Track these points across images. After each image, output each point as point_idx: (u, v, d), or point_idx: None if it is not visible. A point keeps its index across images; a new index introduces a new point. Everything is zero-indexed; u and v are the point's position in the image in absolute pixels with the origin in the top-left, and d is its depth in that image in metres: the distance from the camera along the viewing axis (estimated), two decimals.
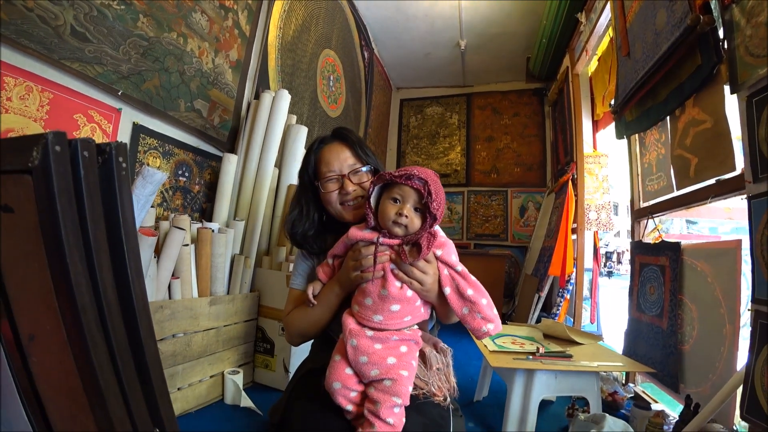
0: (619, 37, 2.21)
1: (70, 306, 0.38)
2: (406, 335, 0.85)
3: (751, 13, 1.22)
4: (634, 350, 1.89)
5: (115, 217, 0.40)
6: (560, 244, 3.06)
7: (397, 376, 0.79)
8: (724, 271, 1.39)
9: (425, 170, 0.86)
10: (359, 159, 1.03)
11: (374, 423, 0.76)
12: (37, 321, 0.44)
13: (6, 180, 0.39)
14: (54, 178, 0.35)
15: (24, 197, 0.38)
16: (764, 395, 1.04)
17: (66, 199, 0.37)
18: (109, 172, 0.39)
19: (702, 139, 1.58)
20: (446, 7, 3.88)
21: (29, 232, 0.40)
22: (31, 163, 0.36)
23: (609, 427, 1.17)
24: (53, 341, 0.42)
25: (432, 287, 0.86)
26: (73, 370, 0.41)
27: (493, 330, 0.85)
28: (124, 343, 0.42)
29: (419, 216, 0.86)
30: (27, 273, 0.44)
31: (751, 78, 1.19)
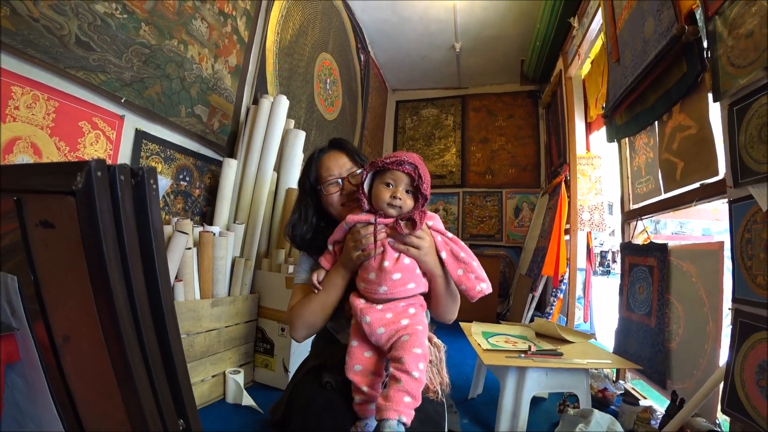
0: (610, 43, 2.27)
1: (108, 310, 0.43)
2: (411, 299, 0.93)
3: (733, 25, 1.27)
4: (624, 348, 1.96)
5: (147, 232, 0.45)
6: (553, 244, 3.12)
7: (413, 330, 0.86)
8: (708, 271, 1.45)
9: (411, 155, 0.94)
10: (356, 163, 1.12)
11: (400, 378, 0.79)
12: (73, 324, 0.49)
13: (49, 199, 0.44)
14: (97, 199, 0.40)
15: (66, 215, 0.43)
16: (743, 390, 1.10)
17: (107, 217, 0.41)
18: (142, 192, 0.44)
19: (688, 144, 1.64)
20: (441, 10, 3.93)
21: (70, 245, 0.44)
22: (75, 186, 0.40)
23: (596, 421, 1.23)
24: (90, 342, 0.47)
25: (429, 251, 0.93)
26: (108, 369, 0.46)
27: (486, 289, 0.93)
28: (154, 342, 0.46)
29: (411, 197, 0.94)
30: (65, 281, 0.48)
31: (732, 87, 1.25)
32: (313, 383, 1.00)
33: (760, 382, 1.04)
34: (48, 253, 0.48)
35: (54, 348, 0.53)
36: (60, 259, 0.47)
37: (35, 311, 0.53)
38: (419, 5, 3.88)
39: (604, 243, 3.50)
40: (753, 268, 1.11)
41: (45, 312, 0.51)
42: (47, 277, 0.50)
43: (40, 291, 0.51)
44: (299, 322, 1.04)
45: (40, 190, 0.46)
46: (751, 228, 1.13)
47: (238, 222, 2.10)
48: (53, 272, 0.49)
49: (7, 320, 0.59)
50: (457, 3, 3.74)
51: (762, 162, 1.11)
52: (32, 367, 0.59)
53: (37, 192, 0.47)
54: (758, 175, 1.11)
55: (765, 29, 1.13)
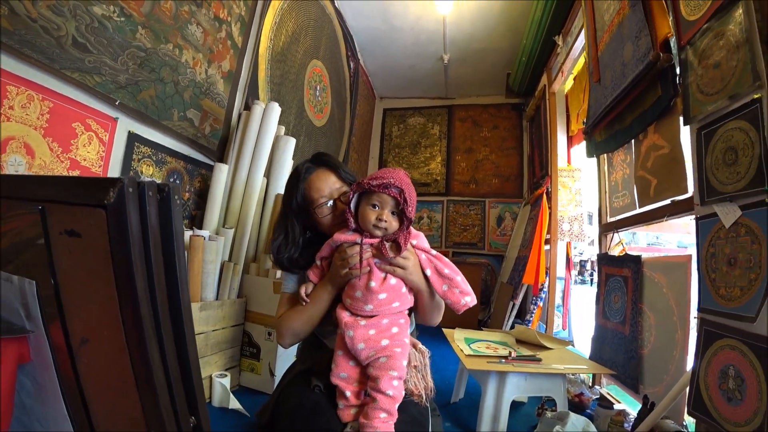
0: (592, 63, 2.38)
1: (132, 315, 0.46)
2: (395, 315, 0.96)
3: (702, 56, 1.38)
4: (600, 354, 2.05)
5: (171, 243, 0.48)
6: (534, 254, 3.22)
7: (391, 353, 0.89)
8: (677, 282, 1.55)
9: (398, 175, 0.96)
10: (344, 181, 1.12)
11: (376, 397, 0.85)
12: (93, 327, 0.52)
13: (77, 211, 0.47)
14: (129, 212, 0.44)
15: (95, 226, 0.46)
16: (707, 393, 1.18)
17: (135, 229, 0.45)
18: (167, 206, 0.47)
19: (661, 163, 1.75)
20: (431, 22, 4.03)
21: (97, 253, 0.47)
22: (106, 200, 0.44)
23: (572, 423, 1.30)
24: (110, 344, 0.50)
25: (414, 269, 0.97)
26: (127, 369, 0.49)
27: (470, 302, 0.97)
28: (172, 345, 0.50)
29: (396, 218, 0.97)
30: (88, 286, 0.51)
31: (701, 113, 1.35)
32: (301, 386, 1.02)
33: (722, 386, 1.12)
34: (71, 260, 0.51)
35: (70, 349, 0.55)
36: (84, 266, 0.50)
37: (53, 314, 0.55)
38: (410, 16, 3.97)
39: (584, 252, 3.62)
40: (717, 281, 1.20)
41: (63, 315, 0.54)
42: (68, 282, 0.53)
43: (60, 295, 0.54)
44: (286, 331, 1.08)
45: (67, 201, 0.49)
46: (716, 243, 1.23)
47: (228, 226, 2.11)
48: (75, 278, 0.52)
49: (21, 323, 0.61)
50: (447, 16, 3.84)
51: (726, 183, 1.20)
52: (44, 368, 0.61)
53: (63, 203, 0.50)
54: (722, 195, 1.21)
55: (731, 62, 1.23)
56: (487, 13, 3.86)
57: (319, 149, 3.62)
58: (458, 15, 3.86)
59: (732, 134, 1.20)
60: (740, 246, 1.12)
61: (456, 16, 3.88)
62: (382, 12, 3.96)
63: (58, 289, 0.54)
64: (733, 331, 1.11)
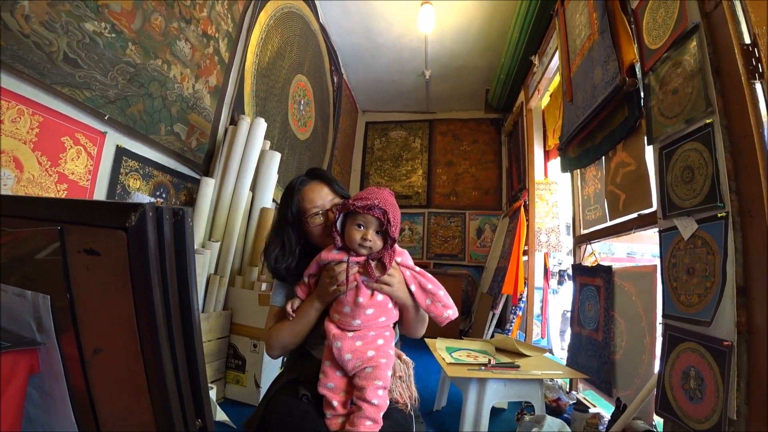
0: (565, 84, 2.53)
1: (148, 325, 0.50)
2: (381, 329, 1.02)
3: (663, 81, 1.51)
4: (575, 361, 2.14)
5: (184, 261, 0.53)
6: (513, 264, 3.33)
7: (376, 363, 0.95)
8: (644, 290, 1.66)
9: (383, 195, 1.02)
10: (336, 193, 1.18)
11: (362, 406, 0.90)
12: (107, 337, 0.56)
13: (97, 232, 0.52)
14: (149, 235, 0.48)
15: (114, 246, 0.51)
16: (672, 393, 1.27)
17: (154, 249, 0.49)
18: (182, 229, 0.52)
19: (628, 179, 1.88)
20: (414, 40, 4.17)
21: (115, 270, 0.52)
22: (128, 223, 0.48)
23: (548, 425, 1.37)
24: (124, 353, 0.54)
25: (399, 286, 1.02)
26: (141, 375, 0.53)
27: (452, 315, 1.03)
28: (183, 352, 0.54)
29: (380, 237, 1.02)
30: (103, 300, 0.55)
31: (662, 134, 1.47)
32: (289, 396, 1.05)
33: (684, 386, 1.22)
34: (88, 276, 0.55)
35: (82, 359, 0.59)
36: (101, 281, 0.54)
37: (66, 326, 0.59)
38: (393, 34, 4.10)
39: (562, 262, 3.76)
40: (678, 288, 1.31)
41: (77, 327, 0.58)
42: (83, 296, 0.56)
43: (74, 308, 0.57)
44: (275, 344, 1.12)
45: (88, 223, 0.53)
46: (676, 254, 1.34)
47: (214, 240, 2.12)
48: (91, 292, 0.56)
49: (32, 335, 0.64)
50: (429, 34, 3.98)
51: (684, 199, 1.32)
52: (54, 377, 0.64)
53: (83, 224, 0.54)
54: (681, 210, 1.32)
55: (687, 88, 1.36)
56: (467, 32, 4.02)
57: (302, 162, 3.69)
58: (440, 34, 4.01)
59: (689, 154, 1.32)
60: (697, 256, 1.23)
61: (437, 35, 4.02)
62: (366, 29, 4.08)
63: (73, 302, 0.57)
64: (693, 335, 1.20)
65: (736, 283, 1.09)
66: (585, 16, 2.24)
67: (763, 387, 1.00)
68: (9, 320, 0.67)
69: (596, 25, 2.07)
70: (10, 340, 0.63)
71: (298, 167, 3.62)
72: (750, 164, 1.12)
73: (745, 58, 1.19)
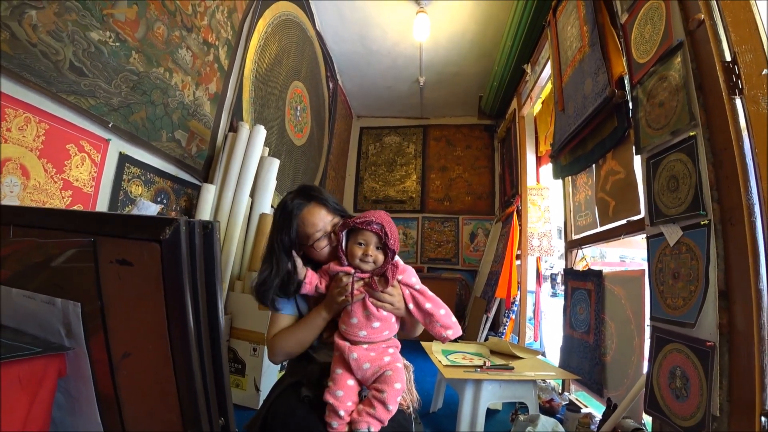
0: (557, 93, 2.61)
1: (180, 331, 0.54)
2: (391, 342, 1.08)
3: (650, 94, 1.58)
4: (567, 363, 2.20)
5: (212, 270, 0.57)
6: (506, 269, 3.40)
7: (394, 367, 1.00)
8: (633, 294, 1.73)
9: (379, 214, 1.08)
10: (334, 213, 1.17)
11: (376, 406, 0.94)
12: (137, 342, 0.60)
13: (132, 244, 0.56)
14: (182, 246, 0.53)
15: (147, 257, 0.55)
16: (659, 392, 1.34)
17: (186, 260, 0.53)
18: (210, 241, 0.56)
19: (618, 187, 1.95)
20: (408, 47, 4.24)
21: (148, 280, 0.56)
22: (162, 236, 0.53)
23: (542, 424, 1.43)
24: (154, 356, 0.58)
25: (400, 305, 1.07)
26: (170, 377, 0.56)
27: (452, 335, 1.06)
28: (209, 355, 0.58)
29: (381, 252, 1.07)
30: (135, 308, 0.59)
31: (649, 144, 1.54)
32: (291, 398, 1.08)
33: (671, 385, 1.28)
34: (119, 285, 0.59)
35: (110, 362, 0.62)
36: (133, 290, 0.58)
37: (95, 332, 0.62)
38: (388, 41, 4.17)
39: (554, 266, 3.83)
40: (664, 292, 1.37)
41: (107, 333, 0.61)
42: (114, 304, 0.60)
43: (104, 315, 0.61)
44: (280, 351, 1.14)
45: (122, 236, 0.57)
46: (663, 259, 1.40)
47: None
48: (121, 300, 0.60)
49: (60, 341, 0.67)
50: (423, 42, 4.06)
51: (670, 207, 1.39)
52: (81, 380, 0.67)
53: (116, 237, 0.58)
54: (667, 217, 1.39)
55: (672, 102, 1.43)
56: (461, 40, 4.10)
57: (299, 168, 3.72)
58: (434, 42, 4.08)
59: (674, 165, 1.39)
60: (682, 262, 1.30)
61: (432, 42, 4.10)
62: (362, 37, 4.14)
63: (103, 309, 0.61)
64: (678, 336, 1.27)
65: (718, 287, 1.16)
66: (576, 29, 2.32)
67: (743, 385, 1.07)
68: (36, 326, 0.70)
69: (587, 38, 2.15)
70: (39, 345, 0.66)
71: (294, 173, 3.65)
72: (730, 175, 1.19)
73: (726, 75, 1.26)
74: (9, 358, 0.58)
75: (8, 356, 0.58)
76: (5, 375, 0.58)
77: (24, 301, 0.69)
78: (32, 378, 0.62)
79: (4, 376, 0.57)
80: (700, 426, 1.13)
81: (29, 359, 0.61)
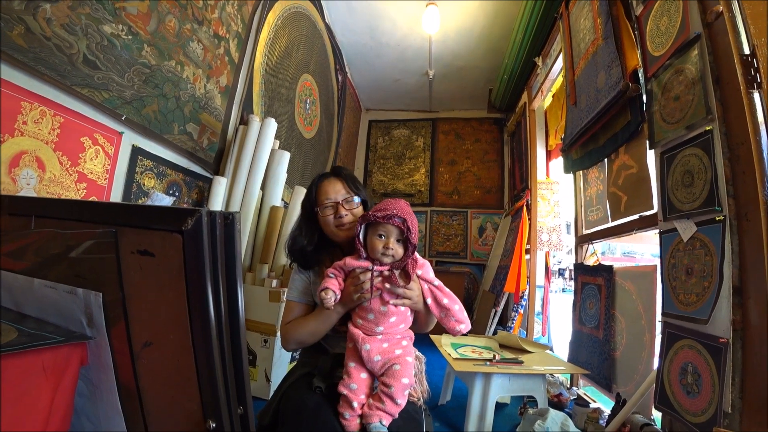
0: (569, 86, 2.57)
1: (201, 321, 0.55)
2: (405, 334, 1.08)
3: (665, 88, 1.55)
4: (576, 357, 2.20)
5: (233, 260, 0.58)
6: (515, 263, 3.39)
7: (403, 361, 1.00)
8: (644, 289, 1.71)
9: (400, 205, 1.07)
10: (350, 190, 1.23)
11: (385, 401, 0.95)
12: (158, 332, 0.61)
13: (153, 235, 0.57)
14: (204, 237, 0.53)
15: (169, 248, 0.56)
16: (670, 388, 1.33)
17: (207, 250, 0.54)
18: (231, 231, 0.57)
19: (630, 181, 1.93)
20: (417, 40, 4.20)
21: (170, 270, 0.57)
22: (184, 227, 0.53)
23: (551, 418, 1.43)
24: (175, 346, 0.59)
25: (418, 300, 1.08)
26: (191, 366, 0.58)
27: (464, 329, 1.07)
28: (230, 345, 0.59)
29: (401, 245, 1.07)
30: (156, 298, 0.60)
31: (663, 139, 1.52)
32: (303, 388, 1.10)
33: (682, 381, 1.28)
34: (141, 275, 0.60)
35: (131, 352, 0.64)
36: (154, 280, 0.59)
37: (117, 322, 0.64)
38: (397, 33, 4.14)
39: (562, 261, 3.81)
40: (677, 288, 1.36)
41: (128, 323, 0.63)
42: (135, 294, 0.61)
43: (126, 305, 0.63)
44: (292, 339, 1.18)
45: (143, 226, 0.58)
46: (676, 255, 1.39)
47: None
48: (143, 290, 0.61)
49: (82, 330, 0.69)
50: (433, 35, 4.02)
51: (684, 202, 1.37)
52: (102, 369, 0.69)
53: (138, 227, 0.59)
54: (681, 213, 1.37)
55: (688, 95, 1.41)
56: (471, 33, 4.06)
57: (308, 161, 3.73)
58: (443, 34, 4.04)
59: (689, 159, 1.37)
60: (696, 257, 1.29)
61: (441, 35, 4.06)
62: (371, 29, 4.11)
63: (124, 299, 0.62)
64: (691, 333, 1.26)
65: (732, 283, 1.15)
66: (589, 21, 2.28)
67: (756, 382, 1.06)
68: (58, 315, 0.72)
69: (600, 31, 2.12)
70: (61, 334, 0.68)
71: (303, 166, 3.66)
72: (747, 170, 1.17)
73: (744, 68, 1.24)
74: (33, 346, 0.60)
75: (32, 345, 0.60)
76: (30, 363, 0.59)
77: (46, 291, 0.71)
78: (55, 366, 0.64)
79: (28, 364, 0.59)
80: (711, 422, 1.13)
81: (52, 348, 0.63)
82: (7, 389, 0.55)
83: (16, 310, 0.76)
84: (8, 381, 0.55)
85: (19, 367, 0.57)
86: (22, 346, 0.56)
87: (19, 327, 0.67)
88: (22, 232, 0.71)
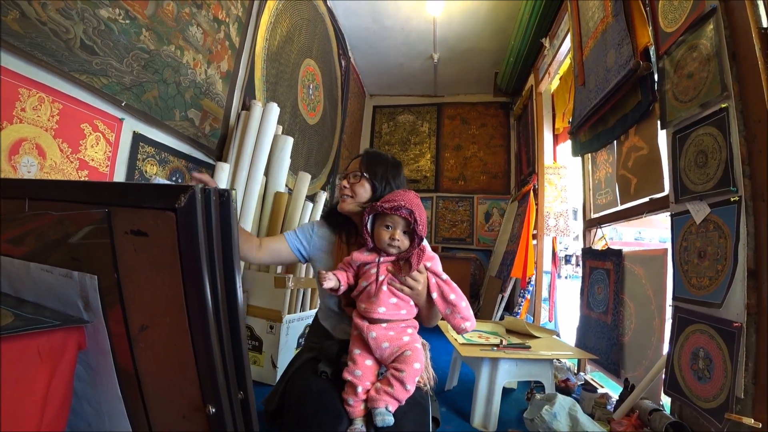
0: (577, 67, 2.50)
1: (197, 302, 0.54)
2: (410, 322, 1.08)
3: (678, 66, 1.50)
4: (584, 343, 2.18)
5: (229, 239, 0.56)
6: (522, 249, 3.36)
7: (413, 347, 1.00)
8: (654, 273, 1.68)
9: (408, 197, 1.07)
10: (363, 169, 1.24)
11: (394, 384, 0.95)
12: (154, 315, 0.59)
13: (146, 214, 0.55)
14: (198, 215, 0.51)
15: (163, 227, 0.54)
16: (680, 374, 1.31)
17: (202, 229, 0.52)
18: (227, 209, 0.55)
19: (640, 163, 1.88)
20: (421, 22, 4.10)
21: (164, 250, 0.55)
22: (177, 204, 0.51)
23: (559, 403, 1.42)
24: (172, 330, 0.57)
25: (421, 292, 1.07)
26: (188, 350, 0.56)
27: (469, 327, 1.07)
28: (227, 329, 0.58)
29: (408, 237, 1.07)
30: (151, 279, 0.58)
31: (676, 118, 1.47)
32: (308, 373, 1.11)
33: (693, 367, 1.25)
34: (135, 257, 0.58)
35: (128, 336, 0.63)
36: (149, 261, 0.57)
37: (113, 306, 0.63)
38: (400, 16, 4.04)
39: (569, 247, 3.77)
40: (689, 271, 1.33)
41: (124, 306, 0.61)
42: (130, 276, 0.60)
43: (121, 288, 0.61)
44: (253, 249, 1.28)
45: (135, 205, 0.56)
46: (688, 238, 1.35)
47: None
48: (138, 272, 0.59)
49: (79, 314, 0.68)
50: (437, 17, 3.93)
51: (697, 183, 1.33)
52: (101, 353, 0.68)
53: (130, 207, 0.57)
54: (694, 194, 1.33)
55: (702, 72, 1.35)
56: (476, 14, 3.95)
57: (312, 147, 3.70)
58: (448, 16, 3.95)
59: (703, 139, 1.32)
60: (709, 240, 1.25)
61: (446, 17, 3.96)
62: (373, 11, 4.02)
63: (120, 282, 0.61)
64: (703, 317, 1.23)
65: (747, 266, 1.11)
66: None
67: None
68: (55, 300, 0.71)
69: (610, 8, 2.05)
70: (59, 319, 0.67)
71: (308, 152, 3.63)
72: (764, 149, 1.12)
73: (762, 43, 1.18)
74: (27, 330, 0.59)
75: (26, 328, 0.59)
76: (25, 347, 0.58)
77: (42, 275, 0.70)
78: (51, 350, 0.63)
79: (23, 348, 0.58)
80: (723, 408, 1.11)
81: (48, 332, 0.62)
82: (2, 373, 0.54)
83: (15, 296, 0.75)
84: (4, 365, 0.54)
85: (14, 351, 0.56)
86: (16, 329, 0.55)
87: (17, 312, 0.66)
88: (16, 215, 0.70)
